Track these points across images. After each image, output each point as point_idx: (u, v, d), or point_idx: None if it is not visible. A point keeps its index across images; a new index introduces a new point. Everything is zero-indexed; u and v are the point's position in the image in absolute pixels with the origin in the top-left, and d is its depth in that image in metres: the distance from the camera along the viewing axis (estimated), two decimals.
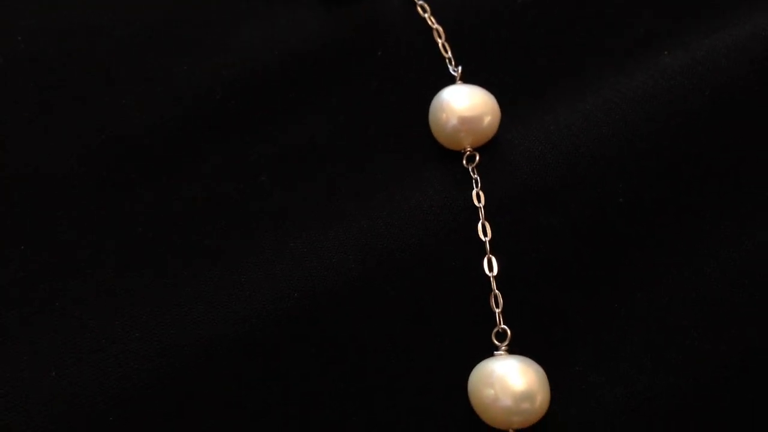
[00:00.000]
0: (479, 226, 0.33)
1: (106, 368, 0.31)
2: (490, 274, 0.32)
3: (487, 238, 0.33)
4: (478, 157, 0.34)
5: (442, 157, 0.35)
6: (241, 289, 0.32)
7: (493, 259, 0.32)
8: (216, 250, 0.34)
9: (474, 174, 0.34)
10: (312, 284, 0.32)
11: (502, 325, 0.32)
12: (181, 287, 0.33)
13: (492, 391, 0.30)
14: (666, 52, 0.36)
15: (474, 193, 0.34)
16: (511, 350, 0.31)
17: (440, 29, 0.37)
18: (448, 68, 0.36)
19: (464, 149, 0.35)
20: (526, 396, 0.30)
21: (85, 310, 0.33)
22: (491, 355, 0.31)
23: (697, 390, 0.31)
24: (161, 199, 0.35)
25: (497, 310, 0.32)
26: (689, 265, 0.33)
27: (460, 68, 0.36)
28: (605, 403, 0.31)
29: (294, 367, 0.32)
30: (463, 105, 0.34)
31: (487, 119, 0.35)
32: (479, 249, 0.33)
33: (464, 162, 0.34)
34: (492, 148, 0.35)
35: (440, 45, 0.37)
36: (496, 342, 0.32)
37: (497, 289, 0.32)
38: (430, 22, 0.37)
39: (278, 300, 0.32)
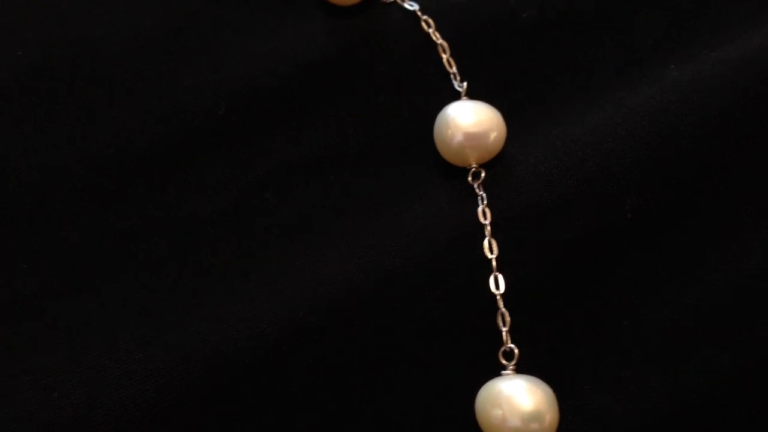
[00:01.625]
0: (485, 243, 0.33)
1: (107, 388, 0.31)
2: (496, 293, 0.32)
3: (494, 256, 0.32)
4: (483, 174, 0.34)
5: (447, 173, 0.35)
6: (245, 307, 0.32)
7: (500, 277, 0.32)
8: (220, 268, 0.33)
9: (480, 191, 0.34)
10: (317, 303, 0.32)
11: (510, 344, 0.31)
12: (184, 304, 0.33)
13: (500, 412, 0.30)
14: (673, 66, 0.36)
15: (480, 210, 0.33)
16: (519, 369, 0.31)
17: (445, 44, 0.37)
18: (452, 83, 0.36)
19: (470, 165, 0.34)
20: (535, 416, 0.30)
21: (88, 327, 0.32)
22: (498, 374, 0.31)
23: (705, 406, 0.31)
24: (165, 213, 0.35)
25: (504, 329, 0.32)
26: (696, 279, 0.32)
27: (465, 84, 0.36)
28: (614, 422, 0.31)
29: (298, 386, 0.31)
30: (469, 121, 0.34)
31: (493, 135, 0.34)
32: (485, 266, 0.32)
33: (470, 179, 0.34)
34: (498, 164, 0.34)
35: (445, 60, 0.36)
36: (504, 361, 0.31)
37: (504, 307, 0.32)
38: (434, 38, 0.37)
39: (283, 318, 0.32)
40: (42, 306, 0.33)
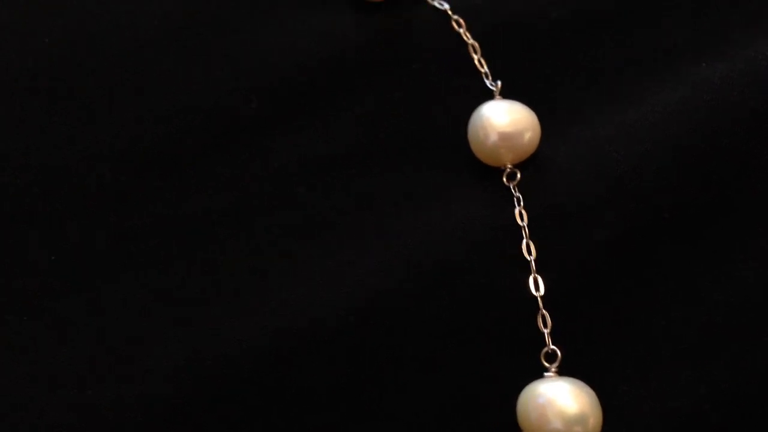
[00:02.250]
0: (523, 245, 0.32)
1: (129, 387, 0.31)
2: (537, 294, 0.32)
3: (532, 257, 0.32)
4: (519, 175, 0.34)
5: (481, 173, 0.34)
6: (279, 306, 0.32)
7: (539, 279, 0.32)
8: (235, 266, 0.33)
9: (516, 192, 0.34)
10: (353, 303, 0.32)
11: (552, 346, 0.31)
12: (211, 304, 0.32)
13: (542, 413, 0.30)
14: (704, 64, 0.36)
15: (517, 211, 0.33)
16: (561, 372, 0.31)
17: (476, 44, 0.36)
18: (485, 83, 0.36)
19: (504, 166, 0.34)
20: (579, 419, 0.30)
21: (107, 326, 0.32)
22: (541, 376, 0.31)
23: (743, 404, 0.31)
24: (190, 208, 0.34)
25: (546, 331, 0.31)
26: (732, 277, 0.32)
27: (499, 83, 0.36)
28: (654, 423, 0.31)
29: (335, 386, 0.31)
30: (504, 121, 0.34)
31: (528, 135, 0.34)
32: (524, 268, 0.32)
33: (504, 180, 0.34)
34: (533, 165, 0.34)
35: (476, 60, 0.36)
36: (546, 363, 0.31)
37: (544, 308, 0.32)
38: (465, 37, 0.37)
39: (319, 318, 0.32)
40: (42, 306, 0.33)
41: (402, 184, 0.35)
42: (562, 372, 0.31)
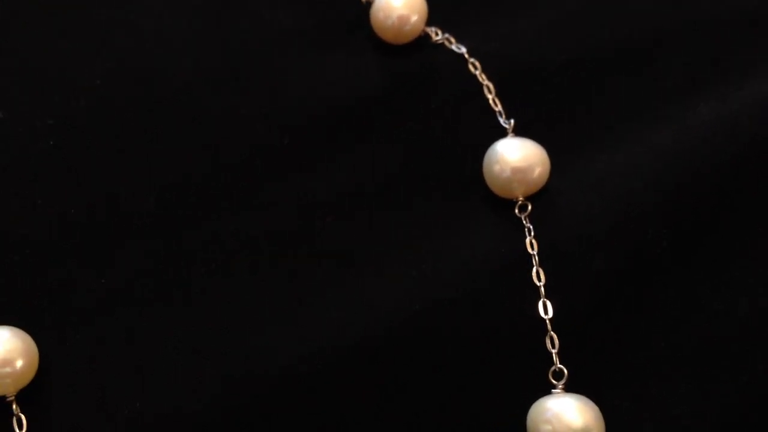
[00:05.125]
0: (533, 271, 0.35)
1: (177, 401, 0.33)
2: (545, 317, 0.34)
3: (542, 283, 0.35)
4: (530, 207, 0.37)
5: (495, 206, 0.37)
6: (307, 330, 0.35)
7: (548, 303, 0.35)
8: (270, 292, 0.36)
9: (527, 222, 0.36)
10: (369, 329, 0.34)
11: (559, 365, 0.34)
12: (241, 326, 0.35)
13: (550, 428, 0.32)
14: (702, 103, 0.38)
15: (528, 241, 0.36)
16: (568, 389, 0.33)
17: (491, 85, 0.39)
18: (498, 121, 0.39)
19: (516, 198, 0.37)
20: None
21: (153, 343, 0.35)
22: (549, 393, 0.33)
23: (747, 424, 0.33)
24: (224, 234, 0.37)
25: (554, 351, 0.34)
26: (731, 299, 0.35)
27: (512, 121, 0.38)
28: None
29: (352, 407, 0.34)
30: (516, 156, 0.37)
31: (538, 170, 0.37)
32: (533, 294, 0.35)
33: (516, 211, 0.37)
34: (543, 198, 0.37)
35: (491, 99, 0.39)
36: (553, 381, 0.34)
37: (552, 330, 0.34)
38: (481, 79, 0.39)
39: (336, 343, 0.34)
40: (107, 319, 0.35)
41: (419, 216, 0.37)
42: (568, 389, 0.33)
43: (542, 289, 0.35)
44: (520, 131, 0.38)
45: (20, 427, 0.33)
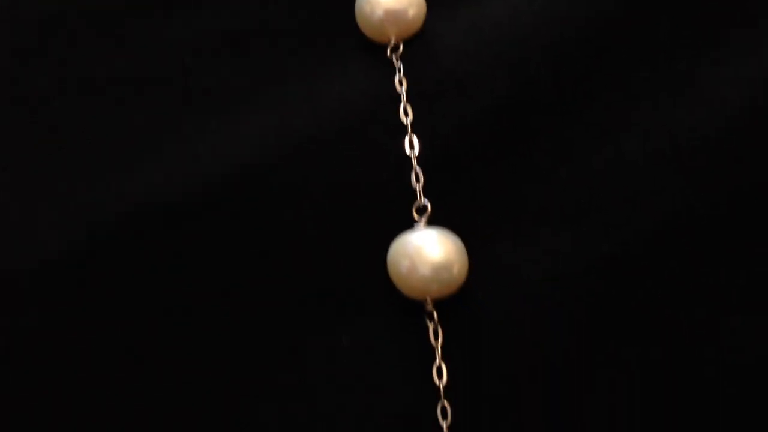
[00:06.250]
0: (401, 108, 0.33)
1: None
2: (410, 153, 0.33)
3: (409, 120, 0.33)
4: (402, 48, 0.35)
5: (367, 49, 0.35)
6: (155, 168, 0.34)
7: (415, 139, 0.33)
8: (135, 125, 0.35)
9: (397, 63, 0.34)
10: (230, 167, 0.33)
11: (423, 200, 0.32)
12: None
13: (409, 262, 0.31)
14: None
15: (396, 79, 0.34)
16: (431, 224, 0.32)
17: None
18: None
19: (389, 41, 0.35)
20: (444, 265, 0.31)
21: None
22: (411, 228, 0.32)
23: (615, 262, 0.31)
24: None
25: (418, 186, 0.32)
26: (609, 140, 0.33)
27: None
28: (523, 277, 0.31)
29: (208, 249, 0.32)
30: None
31: (412, 11, 0.35)
32: (400, 132, 0.33)
33: (388, 53, 0.35)
34: (417, 40, 0.35)
35: None
36: (417, 216, 0.32)
37: (418, 166, 0.33)
38: None
39: (195, 182, 0.33)
40: None
41: (287, 59, 0.35)
42: (433, 225, 0.32)
43: (409, 126, 0.33)
44: None
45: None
